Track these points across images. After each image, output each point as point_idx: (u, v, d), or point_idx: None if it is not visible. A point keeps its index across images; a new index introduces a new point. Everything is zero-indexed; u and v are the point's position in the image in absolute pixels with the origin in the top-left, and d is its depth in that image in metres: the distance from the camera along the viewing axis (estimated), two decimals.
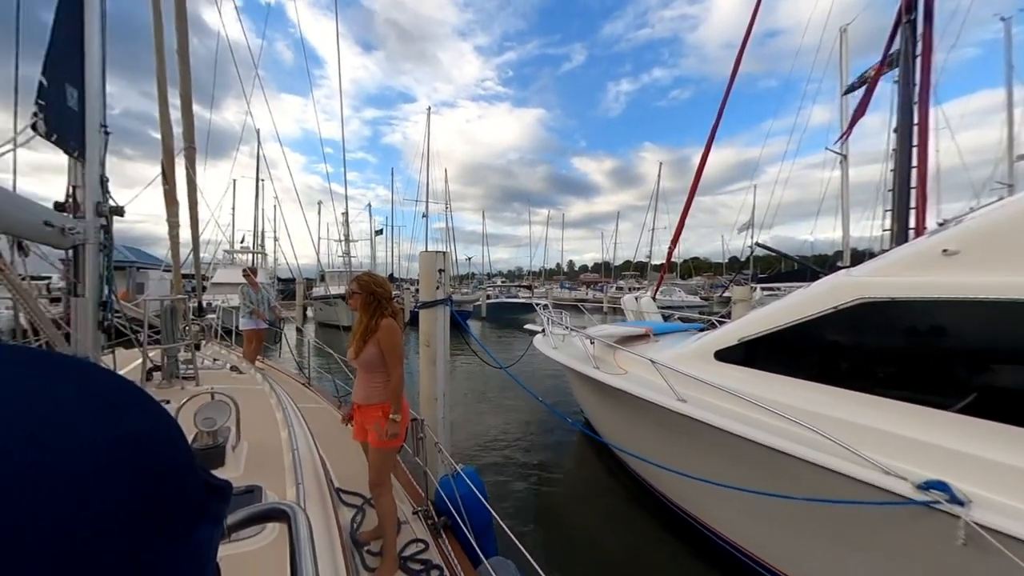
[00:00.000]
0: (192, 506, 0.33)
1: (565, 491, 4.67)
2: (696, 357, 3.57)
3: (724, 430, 2.72)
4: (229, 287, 15.05)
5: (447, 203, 38.26)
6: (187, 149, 4.25)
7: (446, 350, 3.65)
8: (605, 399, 4.41)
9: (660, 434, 3.61)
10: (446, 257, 3.72)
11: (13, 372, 0.30)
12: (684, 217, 9.66)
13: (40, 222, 1.37)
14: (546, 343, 5.70)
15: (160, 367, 3.70)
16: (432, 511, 2.34)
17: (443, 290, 3.52)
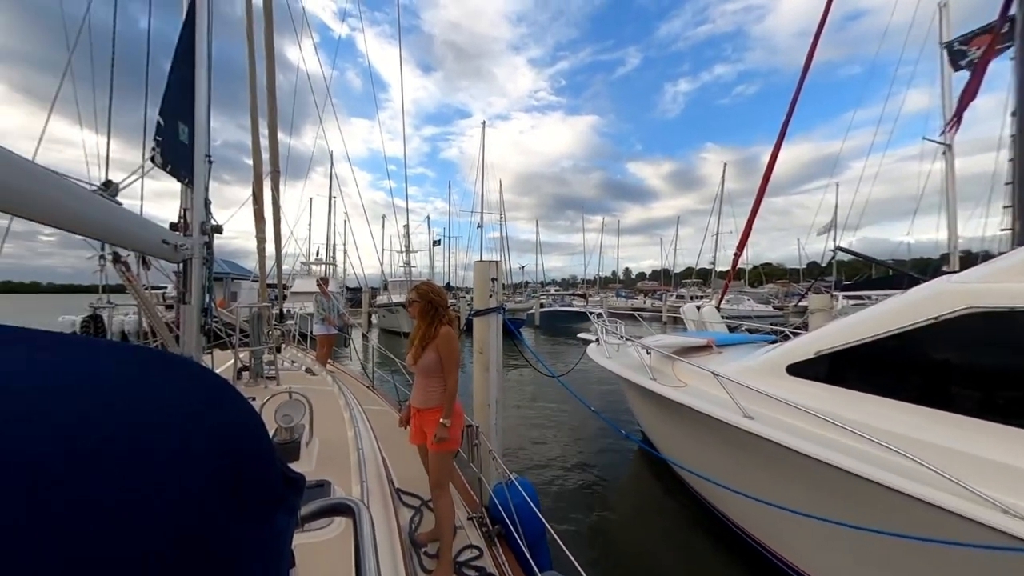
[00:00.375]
0: (272, 494, 0.36)
1: (620, 506, 4.50)
2: (766, 371, 3.31)
3: (803, 453, 2.45)
4: (305, 296, 16.41)
5: (501, 213, 39.03)
6: (272, 173, 4.75)
7: (499, 357, 3.71)
8: (663, 413, 4.20)
9: (724, 452, 3.37)
10: (499, 266, 3.80)
11: (138, 369, 0.34)
12: (752, 220, 8.94)
13: (159, 240, 1.60)
14: (600, 353, 5.56)
15: (248, 367, 4.11)
16: (486, 518, 2.36)
17: (496, 298, 3.59)
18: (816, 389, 2.93)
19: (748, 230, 9.15)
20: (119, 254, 1.52)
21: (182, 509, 0.28)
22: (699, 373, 3.58)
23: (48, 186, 1.05)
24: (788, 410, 2.73)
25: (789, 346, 3.34)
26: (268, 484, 0.36)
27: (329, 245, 33.00)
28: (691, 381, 3.92)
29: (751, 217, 8.99)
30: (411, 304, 2.30)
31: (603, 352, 5.52)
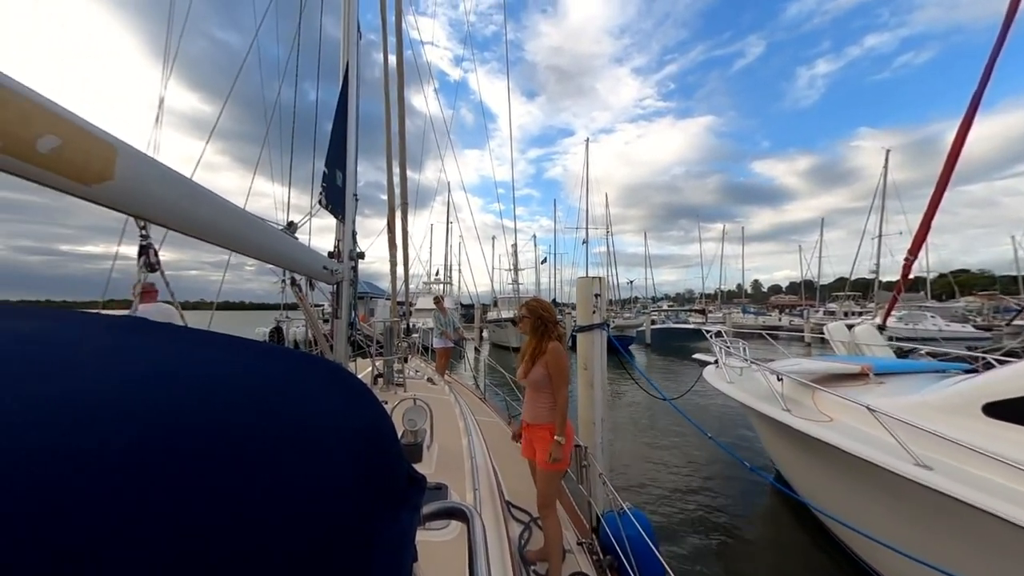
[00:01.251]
0: (399, 491, 0.39)
1: (748, 552, 3.90)
2: (951, 409, 2.65)
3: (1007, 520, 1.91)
4: (426, 312, 18.16)
5: (607, 227, 38.19)
6: (402, 205, 5.45)
7: (604, 374, 3.60)
8: (801, 450, 3.58)
9: (884, 504, 2.74)
10: (602, 282, 3.72)
11: (305, 372, 0.40)
12: (931, 216, 6.83)
13: (321, 267, 1.95)
14: (719, 376, 5.00)
15: (382, 374, 4.68)
16: (597, 546, 2.26)
17: (599, 314, 3.53)
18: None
19: (926, 229, 7.10)
20: (295, 278, 1.91)
21: (337, 497, 0.31)
22: (849, 406, 3.00)
23: (254, 228, 1.38)
24: (981, 459, 2.15)
25: (988, 378, 2.65)
26: (397, 481, 0.39)
27: (446, 266, 36.27)
28: (838, 416, 3.28)
29: (929, 212, 6.93)
30: (521, 320, 2.38)
31: (723, 376, 4.95)
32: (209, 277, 3.79)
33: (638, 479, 5.45)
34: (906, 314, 22.03)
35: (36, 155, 0.65)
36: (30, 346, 0.31)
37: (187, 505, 0.24)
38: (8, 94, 0.60)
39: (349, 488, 0.32)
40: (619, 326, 23.19)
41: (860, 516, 2.97)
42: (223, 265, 2.61)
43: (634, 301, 46.79)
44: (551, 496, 2.14)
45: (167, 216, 1.05)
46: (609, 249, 38.98)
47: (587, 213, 33.77)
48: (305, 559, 0.27)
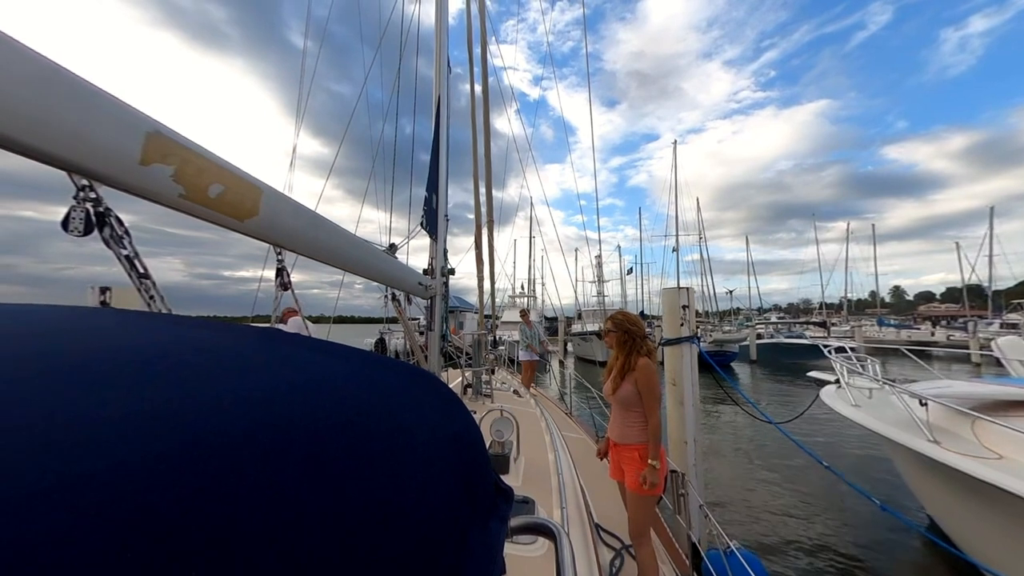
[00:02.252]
0: (487, 501, 0.40)
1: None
2: None
3: None
4: (511, 325, 18.56)
5: (700, 233, 35.41)
6: (488, 223, 5.71)
7: (695, 391, 3.33)
8: (963, 494, 2.90)
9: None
10: (690, 292, 3.49)
11: (406, 381, 0.43)
12: None
13: (417, 283, 2.11)
14: (841, 398, 4.29)
15: (471, 385, 4.87)
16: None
17: (688, 327, 3.31)
18: None
19: None
20: (395, 294, 2.10)
21: (438, 500, 0.32)
22: None
23: (362, 251, 1.56)
24: None
25: None
26: (486, 491, 0.40)
27: (530, 279, 36.84)
28: (1010, 452, 2.64)
29: None
30: (607, 334, 2.30)
31: (846, 398, 4.22)
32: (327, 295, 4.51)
33: (738, 512, 4.83)
34: None
35: (208, 199, 0.81)
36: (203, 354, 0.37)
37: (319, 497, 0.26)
38: (191, 154, 0.77)
39: (447, 492, 0.33)
40: (718, 340, 21.08)
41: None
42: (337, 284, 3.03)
43: (735, 313, 42.25)
44: (645, 524, 2.00)
45: (297, 243, 1.24)
46: (703, 256, 36.02)
47: (676, 219, 31.74)
48: (409, 558, 0.28)
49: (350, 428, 0.31)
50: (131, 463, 0.22)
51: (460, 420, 0.41)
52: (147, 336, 0.38)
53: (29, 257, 47.20)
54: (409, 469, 0.32)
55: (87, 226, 0.64)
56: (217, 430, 0.26)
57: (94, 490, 0.20)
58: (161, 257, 68.36)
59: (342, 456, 0.29)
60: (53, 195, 0.77)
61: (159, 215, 0.81)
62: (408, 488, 0.31)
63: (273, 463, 0.26)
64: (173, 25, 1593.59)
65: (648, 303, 40.99)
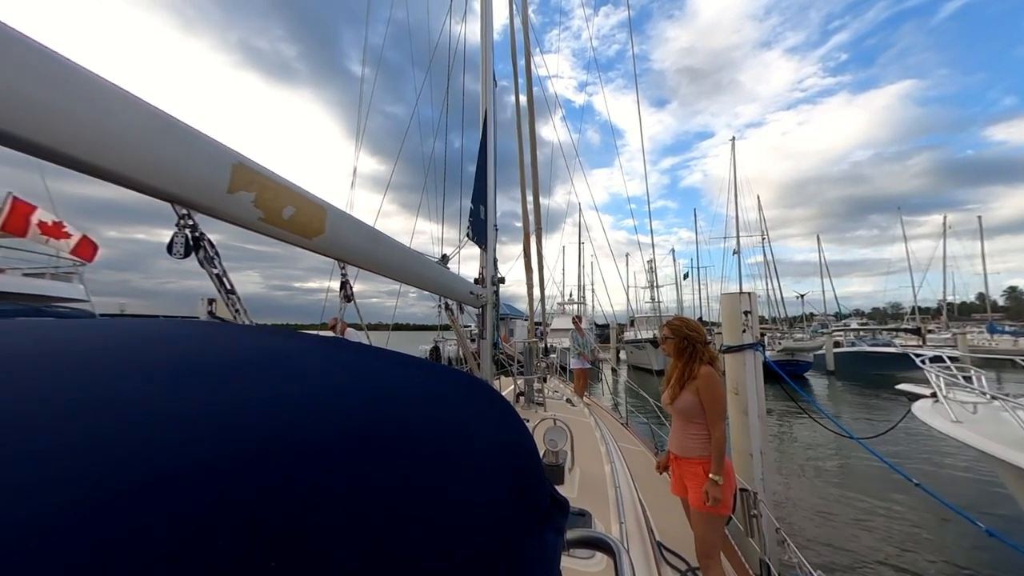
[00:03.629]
0: (543, 512, 0.39)
1: None
2: None
3: None
4: (562, 332, 18.38)
5: (763, 233, 33.00)
6: (536, 231, 5.73)
7: (760, 400, 3.15)
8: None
9: None
10: (752, 297, 3.32)
11: (461, 388, 0.44)
12: None
13: (468, 292, 2.16)
14: (938, 413, 3.85)
15: (523, 393, 4.86)
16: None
17: (751, 333, 3.16)
18: None
19: None
20: (448, 303, 2.17)
21: (492, 507, 0.32)
22: None
23: (416, 262, 1.63)
24: None
25: None
26: (540, 501, 0.39)
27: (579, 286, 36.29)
28: None
29: None
30: (664, 340, 2.20)
31: (945, 412, 3.77)
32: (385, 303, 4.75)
33: (814, 535, 4.34)
34: None
35: (282, 221, 0.90)
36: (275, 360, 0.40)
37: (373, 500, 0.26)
38: (268, 181, 0.85)
39: (501, 500, 0.33)
40: (788, 349, 19.31)
41: None
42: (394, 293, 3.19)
43: (808, 319, 38.53)
44: (713, 545, 1.87)
45: (358, 257, 1.33)
46: (767, 258, 33.46)
47: (737, 219, 29.83)
48: (462, 566, 0.27)
49: (405, 433, 0.32)
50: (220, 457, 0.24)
51: (513, 428, 0.41)
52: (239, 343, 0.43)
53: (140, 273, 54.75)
54: (462, 476, 0.32)
55: (187, 249, 0.73)
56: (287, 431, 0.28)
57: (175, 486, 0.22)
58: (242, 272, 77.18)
59: (397, 461, 0.29)
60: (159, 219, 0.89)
61: (240, 233, 0.90)
62: (461, 495, 0.30)
63: (334, 464, 0.27)
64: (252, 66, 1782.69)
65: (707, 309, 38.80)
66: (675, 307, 35.66)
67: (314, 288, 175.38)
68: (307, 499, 0.24)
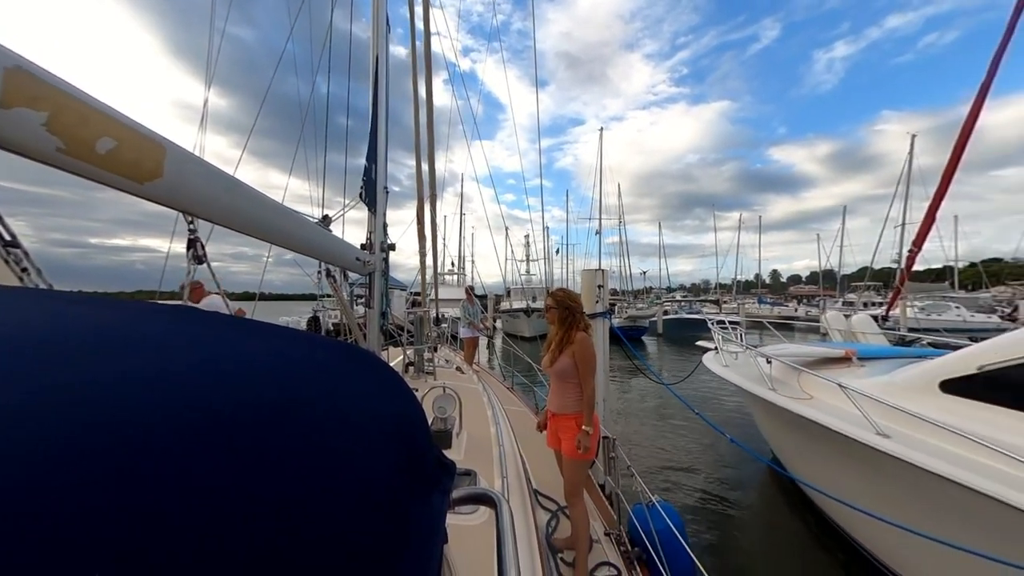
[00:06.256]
0: (430, 475, 0.40)
1: (747, 532, 3.91)
2: (912, 387, 2.82)
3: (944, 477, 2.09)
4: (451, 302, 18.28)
5: (620, 217, 37.63)
6: (431, 197, 5.43)
7: (606, 360, 3.80)
8: (788, 428, 3.70)
9: (859, 474, 2.88)
10: (604, 273, 3.82)
11: (344, 360, 0.40)
12: (937, 205, 7.07)
13: (354, 258, 1.94)
14: (717, 362, 5.01)
15: (413, 363, 4.71)
16: (625, 538, 2.23)
17: (602, 304, 3.67)
18: (975, 409, 2.48)
19: (930, 220, 7.32)
20: (330, 270, 1.91)
21: (376, 479, 0.31)
22: (829, 386, 3.12)
23: (292, 222, 1.37)
24: (936, 431, 2.31)
25: (946, 359, 2.78)
26: (428, 466, 0.40)
27: (460, 256, 36.36)
28: (819, 394, 3.40)
29: (934, 203, 7.09)
30: (548, 310, 2.32)
31: (720, 361, 4.97)
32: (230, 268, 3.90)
33: (648, 465, 5.43)
34: (930, 304, 21.20)
35: (96, 156, 0.64)
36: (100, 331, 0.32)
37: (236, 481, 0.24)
38: (68, 99, 0.59)
39: (386, 469, 0.33)
40: (632, 316, 22.92)
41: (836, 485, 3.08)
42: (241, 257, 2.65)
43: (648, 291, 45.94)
44: (579, 485, 2.10)
45: (212, 211, 1.04)
46: (622, 239, 38.49)
47: (600, 203, 33.23)
48: (345, 535, 0.27)
49: (274, 409, 0.29)
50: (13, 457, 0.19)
51: (400, 398, 0.40)
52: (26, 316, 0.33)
53: None
54: (345, 449, 0.31)
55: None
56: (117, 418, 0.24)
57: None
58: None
59: (270, 444, 0.27)
60: None
61: None
62: (345, 468, 0.30)
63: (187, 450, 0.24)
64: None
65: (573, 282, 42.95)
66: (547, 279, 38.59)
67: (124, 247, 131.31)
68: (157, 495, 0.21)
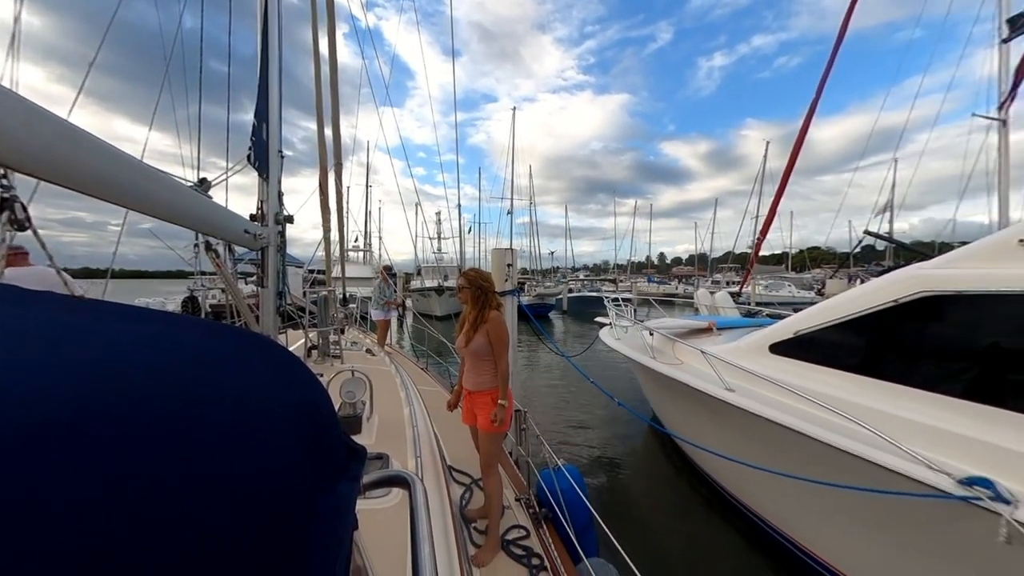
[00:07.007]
0: (337, 464, 0.39)
1: (634, 484, 4.58)
2: (751, 350, 3.43)
3: (765, 418, 2.64)
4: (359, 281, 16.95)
5: (531, 198, 38.74)
6: (336, 165, 4.88)
7: (514, 335, 3.99)
8: (663, 389, 4.36)
9: (713, 423, 3.53)
10: (513, 253, 3.99)
11: (230, 345, 0.37)
12: (776, 203, 8.81)
13: (242, 230, 1.70)
14: (611, 335, 5.62)
15: (316, 346, 4.31)
16: (534, 501, 2.37)
17: (511, 282, 3.82)
18: (794, 366, 3.08)
19: (772, 215, 9.07)
20: (210, 243, 1.63)
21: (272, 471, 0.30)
22: (694, 352, 3.71)
23: (159, 184, 1.14)
24: (770, 385, 2.86)
25: (775, 327, 3.42)
26: (335, 453, 0.39)
27: (366, 232, 33.94)
28: (688, 360, 4.03)
29: (775, 201, 8.83)
30: (461, 290, 2.30)
31: (613, 335, 5.59)
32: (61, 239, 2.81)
33: (555, 432, 5.91)
34: (771, 283, 26.83)
35: None
36: None
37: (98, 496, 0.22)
38: None
39: (285, 461, 0.31)
40: (540, 294, 24.10)
41: (699, 435, 3.79)
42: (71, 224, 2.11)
43: (555, 271, 48.65)
44: (493, 457, 2.17)
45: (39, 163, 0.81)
46: (532, 220, 39.76)
47: (512, 183, 33.64)
48: (243, 533, 0.26)
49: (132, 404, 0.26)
50: None
51: (301, 384, 0.38)
52: None
53: None
54: (233, 445, 0.29)
55: None
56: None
57: None
58: None
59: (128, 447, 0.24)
60: None
61: None
62: (234, 467, 0.28)
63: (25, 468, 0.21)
64: None
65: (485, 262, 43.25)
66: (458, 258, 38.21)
67: None
68: None
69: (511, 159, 32.79)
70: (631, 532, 3.61)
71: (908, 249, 8.42)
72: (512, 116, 33.55)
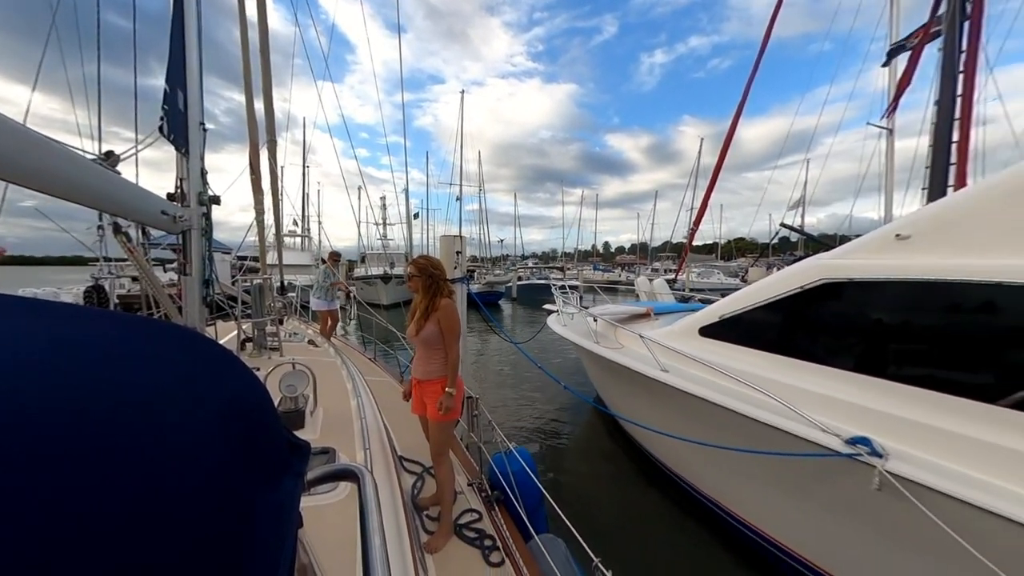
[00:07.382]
0: (279, 461, 0.37)
1: (578, 462, 4.84)
2: (683, 333, 3.73)
3: (694, 395, 2.93)
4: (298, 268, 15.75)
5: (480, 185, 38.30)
6: (269, 142, 4.45)
7: (464, 323, 4.07)
8: (606, 372, 4.60)
9: (650, 402, 3.80)
10: (463, 240, 3.97)
11: (145, 340, 0.33)
12: (707, 197, 9.62)
13: (158, 211, 1.52)
14: (558, 322, 5.82)
15: (250, 339, 3.99)
16: (486, 485, 2.39)
17: (460, 270, 3.82)
18: (719, 347, 3.39)
19: (704, 207, 9.85)
20: (119, 225, 1.44)
21: (203, 476, 0.28)
22: (633, 337, 3.96)
23: (59, 158, 0.99)
24: (699, 365, 3.17)
25: (703, 312, 3.74)
26: (275, 451, 0.37)
27: (303, 216, 31.62)
28: (628, 344, 4.30)
29: (707, 195, 9.62)
30: (411, 279, 2.24)
31: (560, 321, 5.79)
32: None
33: (505, 417, 6.06)
34: (703, 270, 29.14)
35: None
36: None
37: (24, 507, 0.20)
38: None
39: (218, 462, 0.29)
40: (489, 282, 24.12)
41: (636, 414, 4.09)
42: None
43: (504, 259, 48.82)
44: (444, 444, 2.16)
45: None
46: (482, 207, 39.41)
47: (460, 169, 32.97)
48: (178, 537, 0.25)
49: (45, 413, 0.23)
50: None
51: (235, 380, 0.36)
52: None
53: None
54: (153, 448, 0.26)
55: None
56: None
57: None
58: None
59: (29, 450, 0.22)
60: None
61: None
62: (156, 470, 0.26)
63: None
64: None
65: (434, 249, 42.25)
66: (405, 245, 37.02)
67: None
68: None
69: (460, 144, 32.07)
70: (578, 507, 3.80)
71: (815, 241, 9.48)
72: (461, 99, 32.70)
